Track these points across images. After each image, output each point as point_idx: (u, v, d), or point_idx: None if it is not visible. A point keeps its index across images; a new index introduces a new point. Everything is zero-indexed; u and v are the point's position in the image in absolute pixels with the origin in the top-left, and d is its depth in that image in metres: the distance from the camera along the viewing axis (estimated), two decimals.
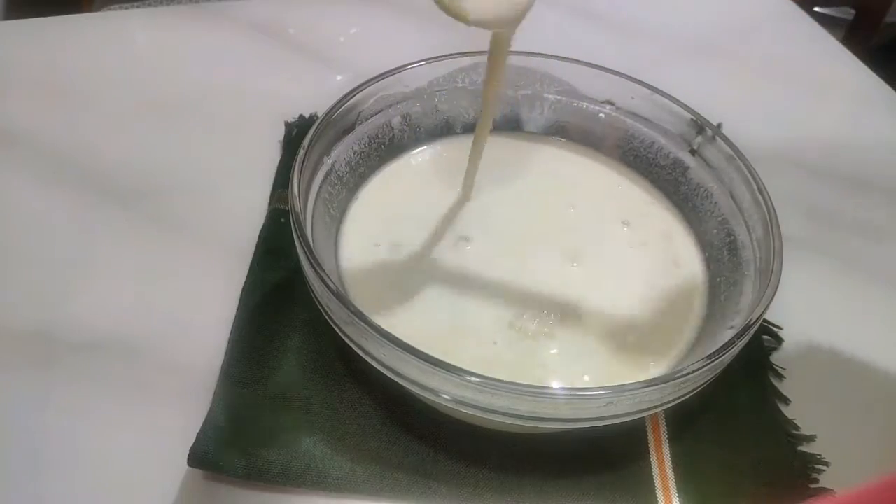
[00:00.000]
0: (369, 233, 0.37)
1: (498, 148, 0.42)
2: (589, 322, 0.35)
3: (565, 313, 0.35)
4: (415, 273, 0.36)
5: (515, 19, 0.33)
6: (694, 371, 0.28)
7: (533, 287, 0.36)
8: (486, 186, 0.40)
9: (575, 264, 0.37)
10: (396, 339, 0.27)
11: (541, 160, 0.43)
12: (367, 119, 0.39)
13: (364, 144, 0.39)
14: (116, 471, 0.32)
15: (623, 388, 0.27)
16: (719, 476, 0.34)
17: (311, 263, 0.30)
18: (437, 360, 0.27)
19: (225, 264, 0.41)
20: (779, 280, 0.31)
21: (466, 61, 0.41)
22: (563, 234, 0.39)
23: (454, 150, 0.42)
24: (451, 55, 0.41)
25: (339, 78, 0.56)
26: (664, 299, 0.36)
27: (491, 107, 0.35)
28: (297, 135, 0.49)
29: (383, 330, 0.28)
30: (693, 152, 0.40)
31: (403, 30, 0.62)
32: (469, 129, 0.42)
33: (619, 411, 0.28)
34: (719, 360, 0.29)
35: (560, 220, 0.40)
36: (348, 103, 0.37)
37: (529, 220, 0.39)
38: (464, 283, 0.36)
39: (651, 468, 0.34)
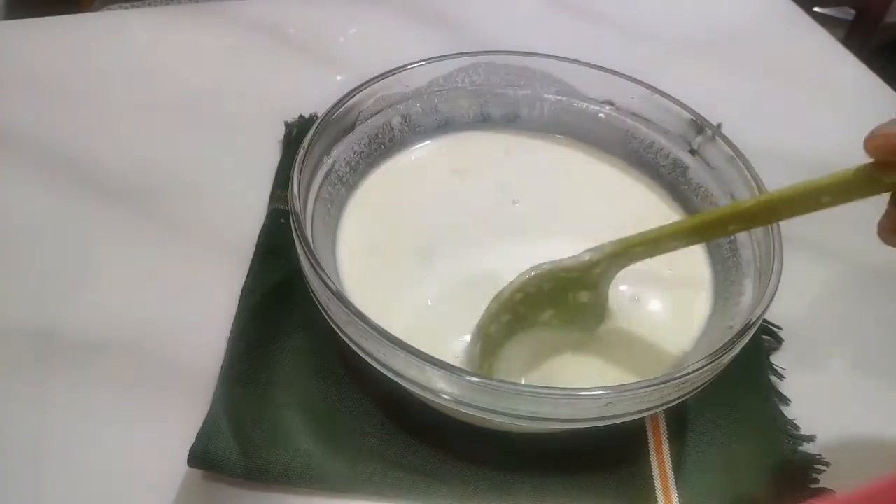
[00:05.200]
0: (368, 232, 0.37)
1: (495, 147, 0.42)
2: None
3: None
4: (415, 272, 0.36)
5: None
6: (694, 371, 0.28)
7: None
8: (485, 189, 0.40)
9: None
10: (396, 339, 0.27)
11: (541, 159, 0.43)
12: (367, 119, 0.39)
13: (364, 144, 0.39)
14: (116, 471, 0.32)
15: (623, 388, 0.27)
16: (719, 476, 0.34)
17: (311, 263, 0.30)
18: (436, 360, 0.27)
19: (225, 264, 0.41)
20: (779, 280, 0.31)
21: (466, 61, 0.41)
22: (563, 233, 0.39)
23: (452, 146, 0.42)
24: (451, 55, 0.41)
25: (339, 78, 0.56)
26: (663, 299, 0.36)
27: None
28: (297, 135, 0.49)
29: (383, 330, 0.28)
30: (693, 152, 0.39)
31: (403, 30, 0.62)
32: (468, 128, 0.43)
33: (619, 411, 0.28)
34: (719, 360, 0.29)
35: (560, 221, 0.39)
36: (348, 103, 0.37)
37: (529, 219, 0.39)
38: (464, 280, 0.36)
39: (651, 468, 0.34)
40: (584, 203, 0.40)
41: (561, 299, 0.33)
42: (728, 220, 0.30)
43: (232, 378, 0.35)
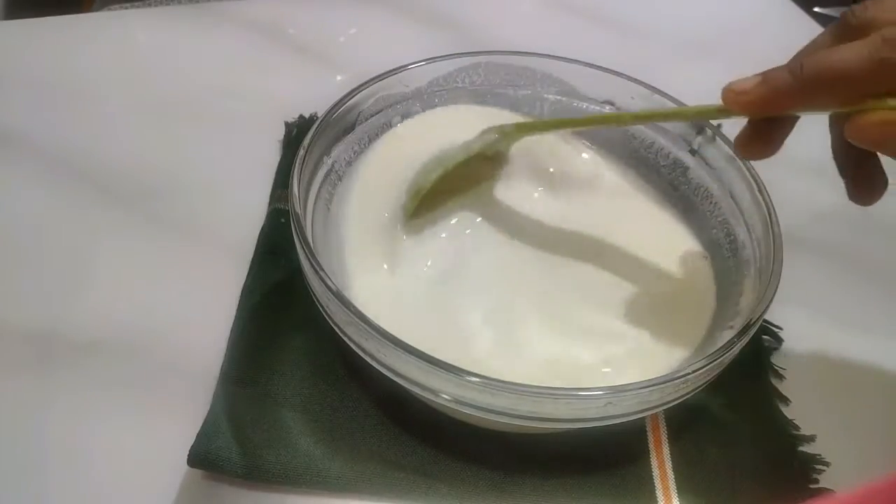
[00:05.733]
0: (371, 234, 0.37)
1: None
2: (588, 323, 0.35)
3: (563, 315, 0.35)
4: (415, 272, 0.36)
5: None
6: (694, 371, 0.28)
7: (532, 287, 0.36)
8: (484, 181, 0.40)
9: (574, 265, 0.37)
10: (396, 339, 0.27)
11: (541, 158, 0.43)
12: (367, 119, 0.39)
13: (364, 144, 0.39)
14: (116, 471, 0.32)
15: (623, 389, 0.27)
16: (719, 476, 0.34)
17: (311, 263, 0.30)
18: (437, 360, 0.27)
19: (225, 264, 0.41)
20: (779, 280, 0.31)
21: (466, 61, 0.41)
22: (562, 234, 0.39)
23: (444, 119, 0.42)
24: (451, 55, 0.41)
25: (339, 78, 0.56)
26: (663, 300, 0.36)
27: None
28: (297, 135, 0.49)
29: (383, 330, 0.28)
30: (693, 152, 0.39)
31: (403, 30, 0.62)
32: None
33: (619, 411, 0.28)
34: (719, 360, 0.29)
35: (559, 220, 0.39)
36: (348, 103, 0.37)
37: (528, 219, 0.39)
38: (464, 279, 0.36)
39: (651, 468, 0.34)
40: (583, 203, 0.40)
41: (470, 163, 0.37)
42: (600, 121, 0.40)
43: (232, 378, 0.35)
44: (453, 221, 0.38)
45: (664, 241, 0.39)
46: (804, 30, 0.67)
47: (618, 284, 0.36)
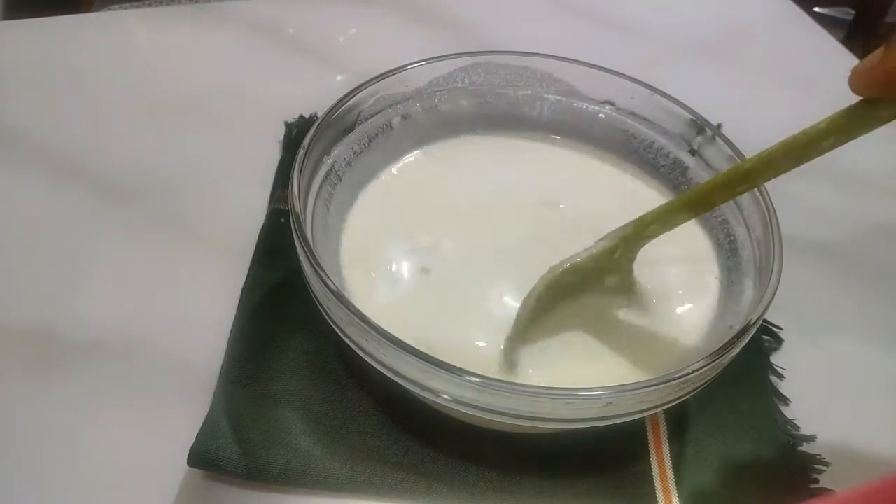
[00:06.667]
0: (371, 234, 0.37)
1: (495, 149, 0.42)
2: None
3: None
4: (415, 273, 0.36)
5: None
6: (694, 371, 0.28)
7: (531, 283, 0.36)
8: (485, 189, 0.40)
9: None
10: (396, 339, 0.27)
11: (540, 161, 0.43)
12: (367, 119, 0.39)
13: (364, 144, 0.39)
14: (116, 471, 0.32)
15: (623, 388, 0.27)
16: (719, 476, 0.34)
17: (311, 263, 0.30)
18: (437, 360, 0.27)
19: (225, 264, 0.41)
20: (779, 280, 0.31)
21: (466, 61, 0.41)
22: (563, 235, 0.39)
23: (454, 151, 0.42)
24: (451, 55, 0.41)
25: (339, 78, 0.56)
26: (663, 300, 0.36)
27: None
28: (297, 135, 0.49)
29: (383, 330, 0.28)
30: (693, 152, 0.39)
31: (403, 30, 0.62)
32: (468, 130, 0.42)
33: (619, 411, 0.28)
34: (719, 360, 0.28)
35: (559, 222, 0.39)
36: (348, 103, 0.37)
37: (530, 222, 0.39)
38: (465, 282, 0.36)
39: (651, 468, 0.34)
40: (583, 203, 0.40)
41: (588, 285, 0.34)
42: (734, 182, 0.30)
43: (232, 378, 0.35)
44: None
45: (664, 240, 0.39)
46: (804, 30, 0.68)
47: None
